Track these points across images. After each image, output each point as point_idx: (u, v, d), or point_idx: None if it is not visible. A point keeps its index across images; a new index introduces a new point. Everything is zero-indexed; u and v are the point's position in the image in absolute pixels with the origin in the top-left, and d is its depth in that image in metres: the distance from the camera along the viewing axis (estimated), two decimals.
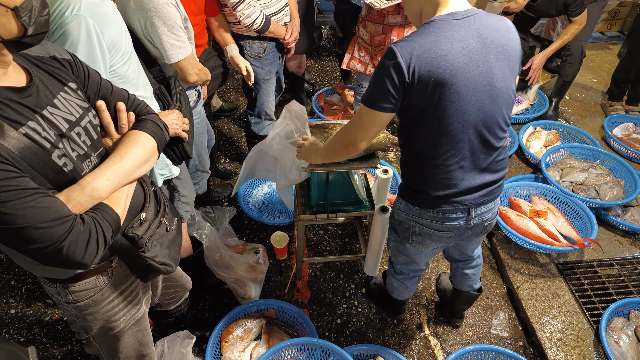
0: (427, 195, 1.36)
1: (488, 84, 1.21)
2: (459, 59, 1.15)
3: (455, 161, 1.28)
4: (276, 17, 2.21)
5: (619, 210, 2.49)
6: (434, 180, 1.33)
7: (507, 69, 1.24)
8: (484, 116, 1.24)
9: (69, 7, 1.13)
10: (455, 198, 1.34)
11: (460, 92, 1.18)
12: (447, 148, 1.26)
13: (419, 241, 1.52)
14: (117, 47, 1.28)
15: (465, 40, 1.17)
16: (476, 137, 1.26)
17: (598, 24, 4.31)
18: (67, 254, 0.84)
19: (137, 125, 1.06)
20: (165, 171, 1.56)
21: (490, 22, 1.21)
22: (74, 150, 0.93)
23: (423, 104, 1.20)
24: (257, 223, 2.55)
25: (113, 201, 0.94)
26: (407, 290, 1.89)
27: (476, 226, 1.47)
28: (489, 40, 1.20)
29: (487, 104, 1.23)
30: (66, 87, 0.96)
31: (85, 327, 1.18)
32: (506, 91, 1.26)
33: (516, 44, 1.27)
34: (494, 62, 1.21)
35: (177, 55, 1.61)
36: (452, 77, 1.15)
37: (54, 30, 1.14)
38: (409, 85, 1.16)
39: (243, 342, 1.94)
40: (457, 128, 1.23)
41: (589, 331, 2.00)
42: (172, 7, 1.54)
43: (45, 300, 2.18)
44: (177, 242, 1.22)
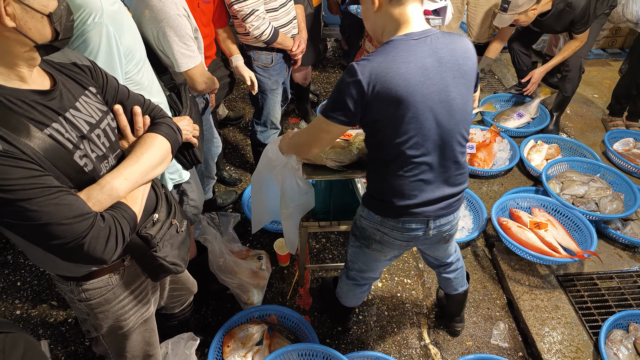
0: (389, 205, 1.41)
1: (445, 101, 1.26)
2: (415, 77, 1.21)
3: (416, 174, 1.33)
4: (284, 29, 2.27)
5: (618, 223, 2.51)
6: (395, 190, 1.37)
7: (463, 87, 1.30)
8: (442, 132, 1.29)
9: (90, 15, 1.19)
10: (415, 209, 1.39)
11: (418, 108, 1.23)
12: (408, 161, 1.31)
13: (378, 249, 1.56)
14: (133, 55, 1.34)
15: (422, 59, 1.22)
16: (435, 152, 1.32)
17: (599, 41, 4.39)
18: (88, 249, 0.88)
19: (152, 128, 1.11)
20: (176, 175, 1.61)
21: (447, 42, 1.27)
22: (94, 151, 0.97)
23: (383, 119, 1.26)
24: (261, 230, 2.58)
25: (130, 200, 0.99)
26: (354, 298, 1.91)
27: (434, 236, 1.51)
28: (445, 60, 1.25)
29: (445, 120, 1.28)
30: (87, 91, 1.01)
31: (96, 325, 1.21)
32: (463, 108, 1.31)
33: (472, 64, 1.32)
34: (450, 80, 1.26)
35: (187, 64, 1.67)
36: (409, 94, 1.21)
37: (76, 37, 1.19)
38: (367, 102, 1.22)
39: (245, 347, 1.96)
40: (417, 143, 1.28)
41: (588, 343, 2.01)
42: (184, 18, 1.60)
43: (50, 302, 2.21)
44: (187, 243, 1.26)
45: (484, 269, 2.42)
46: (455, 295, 1.96)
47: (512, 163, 2.94)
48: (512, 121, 3.32)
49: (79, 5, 1.19)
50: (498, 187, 2.89)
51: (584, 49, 3.01)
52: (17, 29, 0.82)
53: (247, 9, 2.06)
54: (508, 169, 2.98)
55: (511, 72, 4.10)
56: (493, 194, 2.83)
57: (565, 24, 2.86)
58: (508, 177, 2.98)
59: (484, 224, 2.53)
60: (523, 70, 3.36)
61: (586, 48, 3.02)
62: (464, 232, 2.55)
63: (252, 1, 2.05)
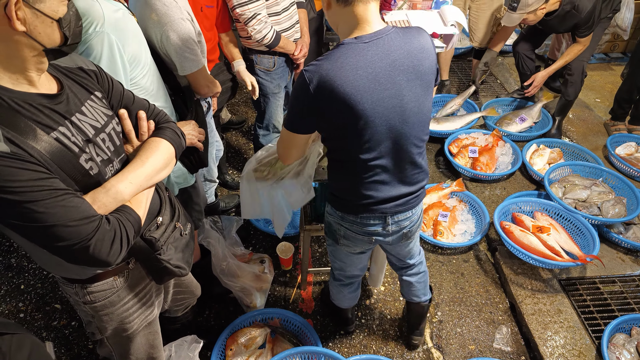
0: (348, 202, 1.44)
1: (398, 106, 1.25)
2: (365, 84, 1.19)
3: (371, 175, 1.35)
4: (287, 33, 2.29)
5: (621, 227, 2.51)
6: (352, 190, 1.40)
7: (418, 88, 1.27)
8: (396, 136, 1.29)
9: (92, 24, 1.21)
10: (373, 207, 1.41)
11: (369, 115, 1.22)
12: (363, 164, 1.33)
13: (345, 244, 1.59)
14: (138, 60, 1.35)
15: (372, 64, 1.20)
16: (390, 155, 1.32)
17: (601, 45, 4.39)
18: (93, 252, 0.89)
19: (156, 133, 1.12)
20: (181, 180, 1.62)
21: (402, 42, 1.23)
22: (99, 155, 0.99)
23: (335, 125, 1.27)
24: (263, 233, 2.59)
25: (135, 204, 1.00)
26: (344, 298, 1.91)
27: (394, 232, 1.52)
28: (399, 62, 1.22)
29: (398, 124, 1.27)
30: (92, 95, 1.03)
31: (101, 327, 1.22)
32: (418, 110, 1.30)
33: (429, 62, 1.28)
34: (404, 84, 1.24)
35: (189, 68, 1.69)
36: (358, 102, 1.20)
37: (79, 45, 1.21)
38: (320, 109, 1.22)
39: (247, 350, 1.96)
40: (370, 148, 1.29)
41: (590, 347, 2.01)
42: (187, 22, 1.62)
43: (53, 305, 2.22)
44: (190, 246, 1.27)
45: (486, 272, 2.42)
46: (416, 305, 1.94)
47: (515, 167, 2.95)
48: (514, 125, 3.32)
49: (82, 14, 1.20)
50: (500, 191, 2.90)
51: (587, 53, 3.01)
52: (27, 33, 0.83)
53: (249, 13, 2.08)
54: (510, 173, 2.98)
55: (513, 77, 4.10)
56: (495, 198, 2.83)
57: (569, 26, 2.87)
58: (510, 182, 2.98)
59: (486, 228, 2.53)
60: (526, 74, 3.37)
61: (588, 52, 3.02)
62: (467, 236, 2.55)
63: (254, 5, 2.07)
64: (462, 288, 2.34)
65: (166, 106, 1.54)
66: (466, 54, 4.46)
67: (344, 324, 2.09)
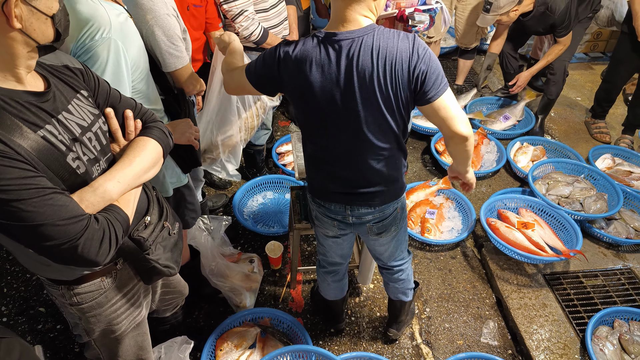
0: (312, 186, 1.52)
1: (351, 110, 1.24)
2: (326, 86, 1.22)
3: (330, 168, 1.40)
4: (275, 30, 2.29)
5: (602, 222, 2.57)
6: (316, 175, 1.47)
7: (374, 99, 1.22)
8: (349, 146, 1.32)
9: (99, 30, 1.17)
10: (332, 196, 1.47)
11: (323, 118, 1.28)
12: (323, 158, 1.39)
13: (318, 225, 1.64)
14: (137, 65, 1.33)
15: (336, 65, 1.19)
16: (343, 160, 1.36)
17: (582, 45, 4.49)
18: (82, 251, 0.88)
19: (144, 132, 1.11)
20: (175, 179, 1.60)
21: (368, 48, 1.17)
22: (85, 154, 0.97)
23: (295, 106, 1.33)
24: (252, 233, 2.58)
25: (123, 203, 0.99)
26: (328, 288, 1.92)
27: (356, 224, 1.53)
28: (360, 69, 1.18)
29: (352, 134, 1.29)
30: (79, 94, 1.01)
31: (88, 329, 1.21)
32: (373, 121, 1.26)
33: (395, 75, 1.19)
34: (359, 92, 1.21)
35: (174, 64, 1.68)
36: (315, 100, 1.25)
37: (82, 52, 1.18)
38: (282, 82, 1.28)
39: (238, 350, 1.95)
40: (329, 144, 1.35)
41: (575, 339, 2.06)
42: (173, 17, 1.60)
43: (38, 309, 2.17)
44: (179, 245, 1.26)
45: (473, 269, 2.45)
46: (395, 301, 1.94)
47: (499, 165, 2.99)
48: (498, 123, 3.37)
49: (87, 19, 1.17)
50: (486, 189, 2.94)
51: (568, 53, 3.08)
52: (22, 30, 0.83)
53: (236, 9, 2.07)
54: (495, 171, 3.03)
55: (497, 75, 4.17)
56: (481, 195, 2.87)
57: (546, 27, 2.93)
58: (495, 179, 3.03)
59: (473, 225, 2.56)
60: (510, 73, 3.43)
61: (570, 52, 3.09)
62: (454, 233, 2.59)
63: (241, 1, 2.07)
64: (450, 284, 2.36)
65: (160, 109, 1.52)
66: (451, 53, 4.52)
67: (334, 322, 2.09)
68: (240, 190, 2.71)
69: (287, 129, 3.42)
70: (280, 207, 2.75)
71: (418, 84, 1.19)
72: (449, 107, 1.23)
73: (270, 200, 2.78)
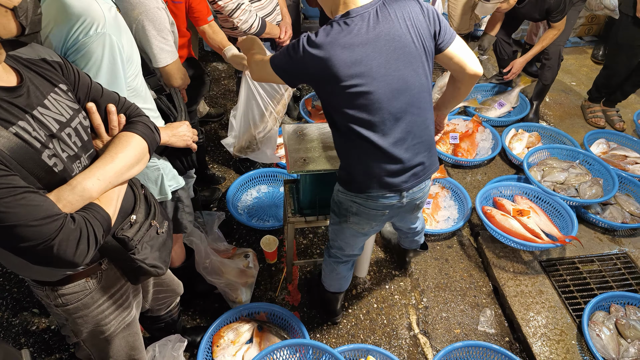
0: (361, 183, 1.47)
1: (395, 75, 1.29)
2: (360, 54, 1.23)
3: (387, 154, 1.38)
4: (270, 17, 2.25)
5: (598, 208, 2.56)
6: (368, 170, 1.43)
7: (412, 57, 1.31)
8: (394, 106, 1.33)
9: (92, 25, 1.10)
10: (388, 182, 1.44)
11: (369, 85, 1.26)
12: (364, 138, 1.35)
13: (355, 221, 1.60)
14: (131, 60, 1.27)
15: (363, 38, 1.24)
16: (393, 125, 1.35)
17: (576, 29, 4.45)
18: (58, 252, 0.85)
19: (127, 127, 1.07)
20: (173, 182, 1.56)
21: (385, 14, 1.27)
22: (64, 151, 0.94)
23: (335, 93, 1.29)
24: (247, 228, 2.56)
25: (104, 201, 0.95)
26: (336, 278, 1.92)
27: (408, 204, 1.56)
28: (389, 37, 1.26)
29: (398, 94, 1.31)
30: (57, 88, 0.97)
31: (75, 330, 1.18)
32: (417, 78, 1.33)
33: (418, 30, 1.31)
34: (400, 55, 1.29)
35: (165, 60, 1.63)
36: (357, 70, 1.24)
37: (75, 49, 1.11)
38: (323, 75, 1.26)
39: (234, 345, 1.94)
40: (381, 120, 1.32)
41: (571, 325, 2.05)
42: (163, 11, 1.56)
43: (31, 310, 2.15)
44: (168, 244, 1.23)
45: (469, 257, 2.44)
46: (415, 251, 2.19)
47: (495, 152, 2.97)
48: (493, 111, 3.35)
49: (78, 14, 1.10)
50: (481, 177, 2.92)
51: (562, 37, 3.04)
52: None
53: (232, 5, 2.02)
54: (491, 158, 3.01)
55: (491, 62, 4.13)
56: (477, 184, 2.85)
57: (542, 12, 2.89)
58: (491, 166, 3.02)
59: (468, 214, 2.55)
60: (504, 58, 3.39)
61: (564, 36, 3.05)
62: (450, 222, 2.57)
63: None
64: (447, 274, 2.36)
65: (153, 108, 1.48)
66: None
67: (332, 315, 2.08)
68: (234, 184, 2.68)
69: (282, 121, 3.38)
70: (275, 200, 2.72)
71: (437, 35, 1.36)
72: (463, 50, 1.43)
73: (265, 194, 2.76)
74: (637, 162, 2.90)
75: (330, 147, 1.88)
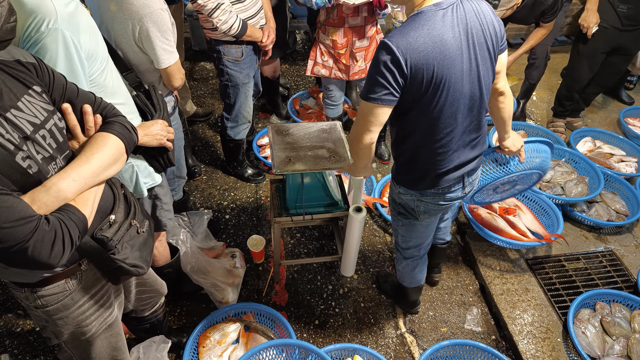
0: (427, 177, 1.49)
1: (475, 70, 1.32)
2: (451, 50, 1.24)
3: (447, 143, 1.41)
4: (253, 20, 2.23)
5: (584, 206, 2.59)
6: (430, 162, 1.46)
7: (486, 52, 1.34)
8: (470, 102, 1.36)
9: (44, 21, 1.10)
10: (452, 174, 1.49)
11: (452, 82, 1.28)
12: (441, 134, 1.38)
13: (426, 217, 1.65)
14: (95, 56, 1.26)
15: (452, 30, 1.24)
16: (465, 120, 1.39)
17: (563, 28, 4.48)
18: (32, 254, 0.84)
19: (104, 128, 1.06)
20: (149, 179, 1.55)
21: (469, 8, 1.30)
22: (39, 153, 0.93)
23: (419, 95, 1.29)
24: (234, 227, 2.55)
25: (80, 202, 0.94)
26: (418, 273, 1.95)
27: (468, 192, 1.62)
28: (474, 29, 1.29)
29: (476, 90, 1.35)
30: (30, 90, 0.96)
31: (56, 332, 1.17)
32: (487, 74, 1.37)
33: (494, 26, 1.35)
34: (478, 50, 1.30)
35: (168, 60, 1.63)
36: (445, 68, 1.25)
37: (29, 46, 1.11)
38: (406, 79, 1.24)
39: (221, 346, 1.93)
40: (450, 115, 1.35)
41: (557, 323, 2.07)
42: (165, 12, 1.55)
43: (16, 311, 2.12)
44: (149, 244, 1.22)
45: (456, 256, 2.45)
46: (440, 247, 2.10)
47: None
48: None
49: (31, 10, 1.10)
50: None
51: (550, 37, 3.06)
52: None
53: (211, 4, 2.00)
54: None
55: None
56: None
57: (537, 15, 2.90)
58: None
59: (455, 212, 2.56)
60: None
61: (552, 36, 3.07)
62: None
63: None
64: None
65: (127, 103, 1.47)
66: None
67: (414, 305, 2.13)
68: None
69: (268, 120, 3.37)
70: None
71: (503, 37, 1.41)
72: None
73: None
74: (623, 160, 2.93)
75: (316, 147, 1.88)
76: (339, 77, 2.53)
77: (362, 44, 2.41)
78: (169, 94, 1.86)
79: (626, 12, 2.70)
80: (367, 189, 2.76)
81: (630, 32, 2.78)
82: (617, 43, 2.85)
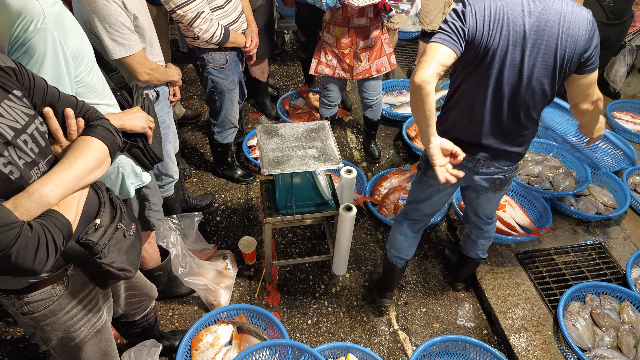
0: (452, 130, 1.58)
1: (529, 70, 1.37)
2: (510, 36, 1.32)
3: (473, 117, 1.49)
4: (235, 25, 2.21)
5: (572, 199, 2.61)
6: (454, 127, 1.56)
7: (552, 60, 1.37)
8: (512, 94, 1.42)
9: (32, 21, 1.10)
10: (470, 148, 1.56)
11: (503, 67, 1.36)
12: (471, 107, 1.47)
13: (432, 176, 1.64)
14: (81, 57, 1.26)
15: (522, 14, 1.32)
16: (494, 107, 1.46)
17: None
18: (16, 261, 0.83)
19: (87, 131, 1.05)
20: (136, 180, 1.54)
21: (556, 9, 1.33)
22: (21, 158, 0.92)
23: (474, 61, 1.38)
24: (225, 229, 2.54)
25: (64, 207, 0.94)
26: (400, 238, 1.95)
27: (484, 178, 1.65)
28: (546, 30, 1.33)
29: (522, 88, 1.40)
30: (10, 94, 0.95)
31: (45, 338, 1.16)
32: (541, 81, 1.40)
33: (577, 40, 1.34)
34: (540, 51, 1.35)
35: (119, 52, 1.62)
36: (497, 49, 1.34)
37: (17, 46, 1.10)
38: (470, 38, 1.34)
39: (214, 348, 1.93)
40: (493, 95, 1.42)
41: (548, 316, 2.09)
42: (113, 4, 1.54)
43: (6, 319, 2.10)
44: (137, 247, 1.22)
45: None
46: (474, 260, 2.09)
47: None
48: None
49: (18, 11, 1.10)
50: None
51: None
52: None
53: (191, 13, 1.97)
54: None
55: None
56: None
57: None
58: None
59: (446, 209, 2.58)
60: None
61: None
62: None
63: (196, 3, 1.96)
64: (426, 269, 2.38)
65: (114, 105, 1.46)
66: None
67: (384, 290, 2.10)
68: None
69: (258, 121, 3.36)
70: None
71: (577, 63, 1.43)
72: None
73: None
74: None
75: (304, 147, 1.88)
76: (342, 76, 2.54)
77: (366, 44, 2.42)
78: (147, 88, 1.84)
79: (612, 6, 2.74)
80: (357, 188, 2.77)
81: (615, 26, 2.82)
82: (602, 36, 2.89)
